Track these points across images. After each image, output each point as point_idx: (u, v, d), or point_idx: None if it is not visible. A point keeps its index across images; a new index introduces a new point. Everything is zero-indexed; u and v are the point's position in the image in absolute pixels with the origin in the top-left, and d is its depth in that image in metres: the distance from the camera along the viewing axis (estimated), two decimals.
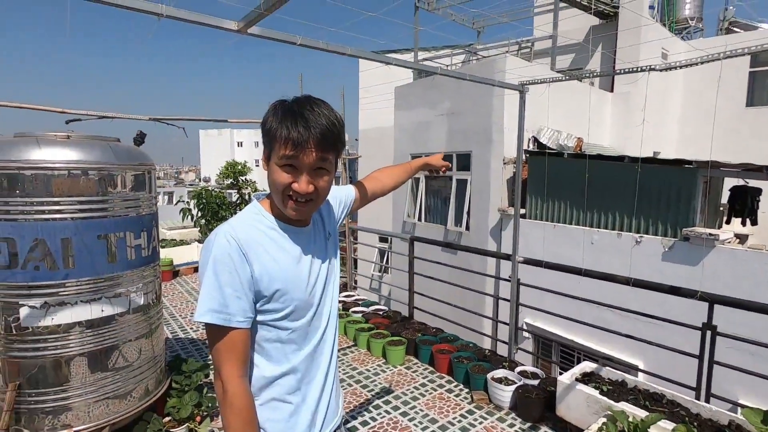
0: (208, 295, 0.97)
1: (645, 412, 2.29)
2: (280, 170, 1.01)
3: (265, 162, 1.05)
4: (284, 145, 0.98)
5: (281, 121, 0.99)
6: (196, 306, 0.98)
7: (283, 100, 1.04)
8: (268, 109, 1.04)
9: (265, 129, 1.02)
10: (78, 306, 2.21)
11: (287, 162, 1.00)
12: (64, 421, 2.25)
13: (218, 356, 0.98)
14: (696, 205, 6.41)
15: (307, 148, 0.98)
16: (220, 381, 0.98)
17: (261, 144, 1.08)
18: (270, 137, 1.01)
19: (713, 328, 2.32)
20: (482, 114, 9.36)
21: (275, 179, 1.02)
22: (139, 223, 2.45)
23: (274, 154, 1.01)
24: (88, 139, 2.33)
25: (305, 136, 0.97)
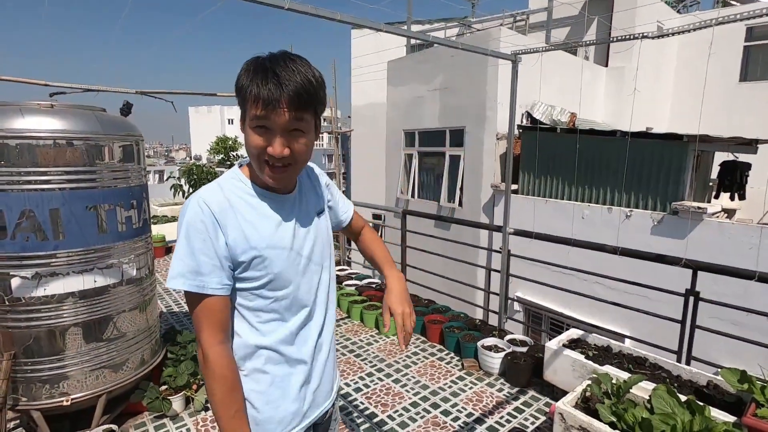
0: (180, 261, 0.94)
1: (628, 375, 2.37)
2: (252, 132, 0.94)
3: (242, 125, 0.98)
4: (255, 105, 0.91)
5: (252, 78, 0.92)
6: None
7: (257, 56, 0.95)
8: (241, 67, 0.95)
9: (237, 87, 0.95)
10: (70, 277, 2.21)
11: (259, 123, 0.93)
12: (61, 389, 2.28)
13: (197, 322, 0.97)
14: (685, 179, 6.47)
15: (278, 108, 0.90)
16: (200, 348, 0.97)
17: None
18: (242, 97, 0.94)
19: (696, 294, 2.38)
20: (476, 89, 9.26)
21: (249, 142, 0.95)
22: (128, 194, 2.43)
23: (247, 115, 0.94)
24: (73, 108, 2.28)
25: (276, 95, 0.89)
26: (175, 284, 0.94)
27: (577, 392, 2.30)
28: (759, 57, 10.86)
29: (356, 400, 2.79)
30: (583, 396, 2.29)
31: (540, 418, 2.59)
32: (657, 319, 2.87)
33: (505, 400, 2.78)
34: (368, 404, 2.74)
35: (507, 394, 2.85)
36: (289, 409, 1.07)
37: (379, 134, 12.40)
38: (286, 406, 1.07)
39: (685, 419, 1.91)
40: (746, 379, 2.07)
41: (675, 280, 2.89)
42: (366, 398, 2.81)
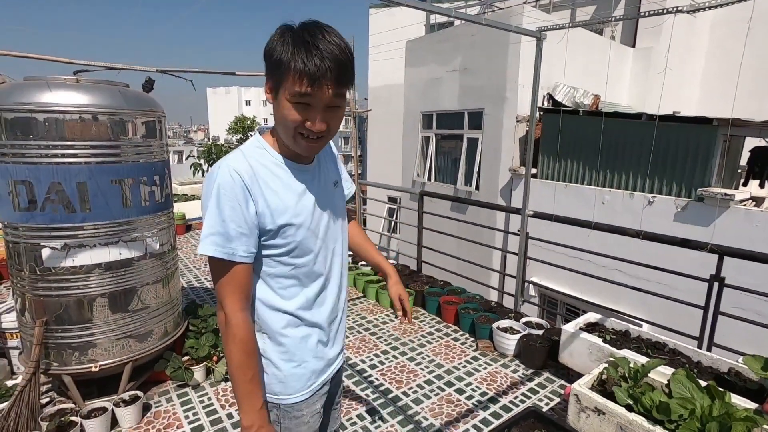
0: (211, 228, 0.96)
1: (646, 359, 2.35)
2: (292, 107, 0.93)
3: (271, 95, 0.98)
4: (299, 81, 0.90)
5: (293, 52, 0.89)
6: (201, 237, 0.97)
7: (289, 25, 0.93)
8: (272, 36, 0.93)
9: (273, 59, 0.91)
10: (97, 248, 2.28)
11: (302, 100, 0.92)
12: (90, 356, 2.38)
13: (221, 289, 0.99)
14: (713, 164, 6.25)
15: (324, 84, 0.90)
16: (222, 313, 0.99)
17: (264, 100, 1.00)
18: (278, 69, 0.91)
19: (721, 279, 2.33)
20: (496, 70, 9.04)
21: (286, 116, 0.94)
22: (151, 169, 2.48)
23: (284, 88, 0.93)
24: (98, 84, 2.31)
25: (322, 70, 0.88)
26: (205, 250, 0.96)
27: (593, 375, 2.29)
28: None
29: (371, 375, 2.84)
30: (599, 379, 2.29)
31: (554, 400, 2.60)
32: (675, 306, 2.82)
33: (519, 381, 2.80)
34: (383, 380, 2.79)
35: (522, 375, 2.86)
36: (308, 367, 1.13)
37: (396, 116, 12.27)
38: (305, 364, 1.12)
39: (705, 404, 1.89)
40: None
41: (696, 267, 2.81)
42: (381, 374, 2.85)
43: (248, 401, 1.00)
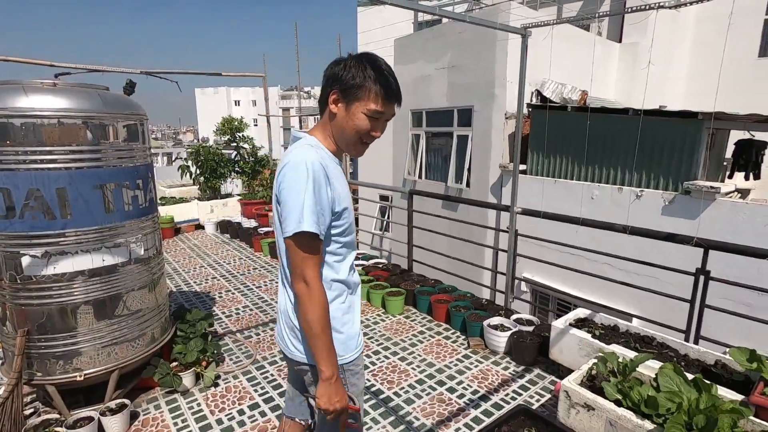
0: (309, 209, 1.13)
1: (635, 354, 2.37)
2: (365, 119, 1.20)
3: (343, 107, 1.21)
4: (376, 100, 1.19)
5: (376, 78, 1.18)
6: (290, 220, 1.13)
7: (361, 56, 1.23)
8: (347, 61, 1.20)
9: (353, 81, 1.18)
10: (79, 255, 2.24)
11: (375, 115, 1.21)
12: (74, 365, 2.34)
13: (305, 261, 1.16)
14: (699, 158, 6.32)
15: (393, 105, 1.24)
16: (303, 283, 1.16)
17: (254, 100, 1.09)
18: (358, 89, 1.18)
19: (707, 273, 2.35)
20: (484, 67, 9.06)
21: (358, 125, 1.21)
22: (134, 173, 2.44)
23: (360, 104, 1.19)
24: (76, 87, 2.26)
25: (395, 95, 1.23)
26: (309, 227, 1.13)
27: (582, 370, 2.30)
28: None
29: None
30: (588, 374, 2.30)
31: (545, 396, 2.61)
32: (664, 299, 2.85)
33: (510, 378, 2.80)
34: (374, 381, 2.77)
35: (512, 372, 2.87)
36: (357, 326, 1.36)
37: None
38: (355, 324, 1.35)
39: (692, 397, 1.90)
40: (755, 358, 2.05)
41: (684, 260, 2.84)
42: (372, 375, 2.84)
43: (330, 355, 1.18)
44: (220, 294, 4.24)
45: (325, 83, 1.24)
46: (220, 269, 4.96)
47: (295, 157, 1.18)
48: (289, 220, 1.14)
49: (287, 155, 1.22)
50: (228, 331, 3.48)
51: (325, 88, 1.24)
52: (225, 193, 7.21)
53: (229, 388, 2.72)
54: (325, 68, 1.25)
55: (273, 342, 3.30)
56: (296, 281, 1.18)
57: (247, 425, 2.37)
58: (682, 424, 1.76)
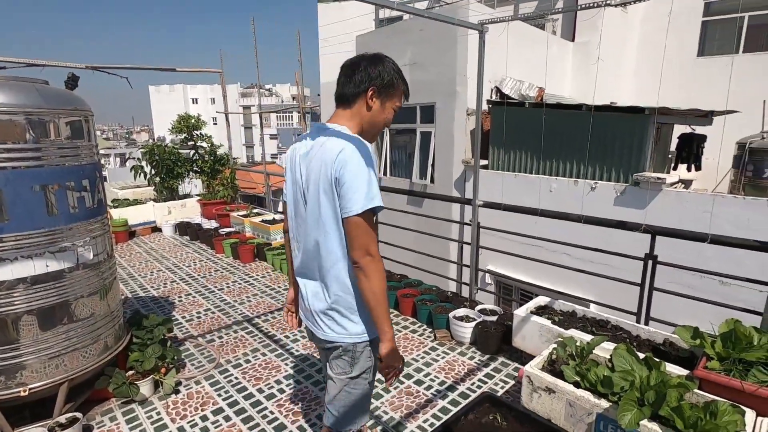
0: (376, 188, 1.29)
1: (590, 337, 2.47)
2: (392, 112, 1.45)
3: (378, 102, 1.40)
4: (401, 98, 1.46)
5: (403, 81, 1.44)
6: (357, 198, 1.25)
7: (391, 60, 1.44)
8: (386, 65, 1.40)
9: (392, 82, 1.40)
10: (18, 262, 2.08)
11: (397, 110, 1.47)
12: (18, 379, 2.18)
13: (369, 237, 1.28)
14: (647, 151, 6.69)
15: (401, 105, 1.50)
16: (369, 256, 1.28)
17: (212, 98, 1.10)
18: (394, 89, 1.41)
19: (654, 257, 2.48)
20: (446, 65, 9.18)
21: (387, 118, 1.45)
22: (79, 173, 2.29)
23: (390, 101, 1.42)
24: (9, 80, 2.10)
25: (407, 95, 1.49)
26: (375, 203, 1.27)
27: (543, 356, 2.38)
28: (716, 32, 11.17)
29: None
30: (549, 359, 2.38)
31: (510, 383, 2.68)
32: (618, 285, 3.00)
33: (476, 367, 2.86)
34: None
35: (478, 361, 2.93)
36: None
37: None
38: None
39: (643, 375, 2.01)
40: (698, 335, 2.19)
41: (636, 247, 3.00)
42: None
43: (389, 320, 1.34)
44: (180, 298, 4.08)
45: (361, 78, 1.38)
46: (180, 272, 4.77)
47: (353, 144, 1.31)
48: (356, 198, 1.26)
49: (330, 142, 1.33)
50: (189, 335, 3.36)
51: (361, 83, 1.38)
52: (183, 194, 6.94)
53: (191, 395, 2.62)
54: (353, 63, 1.40)
55: (237, 344, 3.21)
56: (361, 255, 1.28)
57: (211, 431, 2.30)
58: (634, 400, 1.86)
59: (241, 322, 3.57)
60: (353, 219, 1.26)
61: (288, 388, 2.66)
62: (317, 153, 1.35)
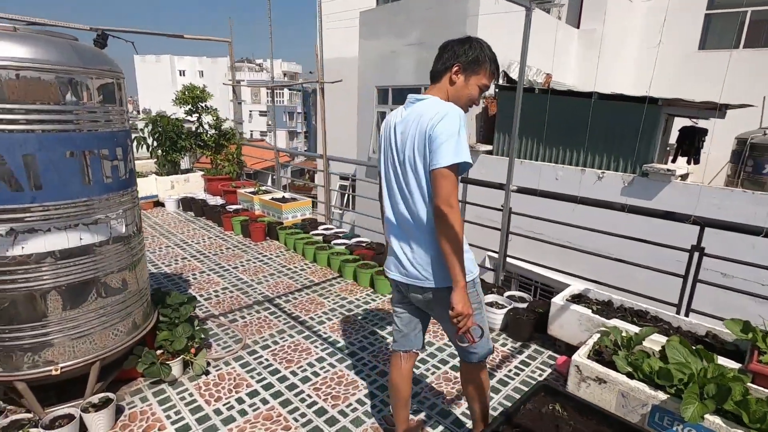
0: (465, 147, 1.41)
1: (634, 327, 2.46)
2: (477, 89, 1.57)
3: (462, 78, 1.54)
4: (489, 77, 1.57)
5: (492, 60, 1.55)
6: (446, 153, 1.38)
7: (480, 40, 1.55)
8: (471, 43, 1.53)
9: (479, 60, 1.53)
10: (51, 233, 1.94)
11: (483, 88, 1.57)
12: (46, 357, 2.05)
13: (451, 188, 1.40)
14: (657, 142, 6.70)
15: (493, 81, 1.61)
16: (448, 206, 1.39)
17: (200, 70, 0.97)
18: (479, 66, 1.53)
19: (701, 249, 2.46)
20: None
21: (472, 93, 1.56)
22: (112, 140, 2.13)
23: (476, 77, 1.55)
24: (42, 35, 1.91)
25: (496, 76, 1.61)
26: (465, 157, 1.40)
27: (589, 345, 2.36)
28: (718, 26, 11.15)
29: (363, 358, 2.74)
30: (594, 349, 2.35)
31: (546, 370, 2.67)
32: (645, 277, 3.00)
33: (509, 354, 2.83)
34: (376, 362, 2.70)
35: (511, 348, 2.90)
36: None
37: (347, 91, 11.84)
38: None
39: (698, 367, 2.00)
40: (749, 329, 2.18)
41: (655, 238, 2.97)
42: (373, 356, 2.76)
43: (463, 270, 1.44)
44: (194, 275, 3.95)
45: (448, 56, 1.54)
46: (189, 249, 4.61)
47: (447, 107, 1.45)
48: (445, 152, 1.38)
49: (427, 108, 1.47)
50: (210, 314, 3.25)
51: (448, 60, 1.54)
52: (184, 168, 6.70)
53: (221, 376, 2.53)
54: (445, 44, 1.57)
55: (261, 325, 3.12)
56: (443, 205, 1.39)
57: (250, 414, 2.22)
58: (697, 394, 1.84)
59: (262, 302, 3.47)
60: (440, 170, 1.39)
61: (322, 372, 2.59)
62: (413, 117, 1.50)
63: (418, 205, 1.52)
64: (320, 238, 4.63)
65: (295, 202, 5.38)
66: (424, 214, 1.52)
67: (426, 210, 1.51)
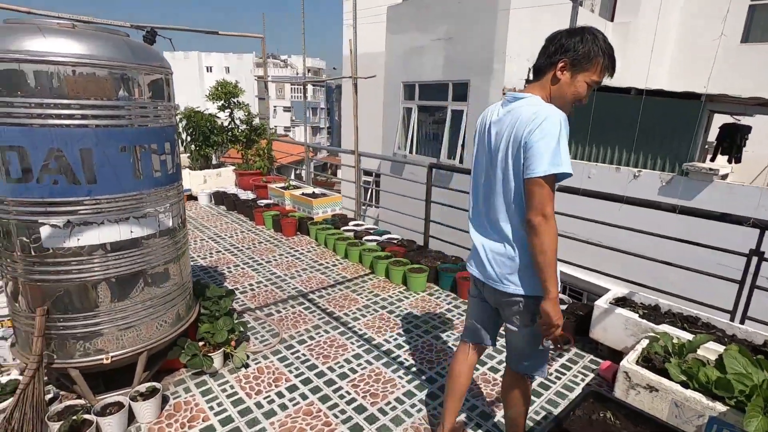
0: (565, 155, 1.32)
1: (685, 334, 2.36)
2: (585, 86, 1.42)
3: (568, 74, 1.41)
4: (601, 72, 1.41)
5: (606, 54, 1.40)
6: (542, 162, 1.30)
7: (594, 31, 1.40)
8: (583, 35, 1.39)
9: (588, 54, 1.38)
10: (105, 226, 1.98)
11: (592, 84, 1.42)
12: (96, 346, 2.11)
13: (547, 199, 1.33)
14: (698, 140, 6.43)
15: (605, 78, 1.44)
16: (542, 217, 1.33)
17: (227, 67, 0.90)
18: (589, 62, 1.39)
19: (761, 254, 2.34)
20: (483, 40, 8.82)
21: (577, 90, 1.42)
22: (161, 135, 2.16)
23: (584, 72, 1.40)
24: (98, 31, 1.95)
25: (611, 71, 1.43)
26: (566, 168, 1.31)
27: (637, 351, 2.27)
28: (762, 18, 10.58)
29: (400, 356, 2.72)
30: (643, 355, 2.27)
31: (588, 375, 2.59)
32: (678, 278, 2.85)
33: (550, 357, 2.76)
34: (413, 361, 2.68)
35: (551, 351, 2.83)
36: None
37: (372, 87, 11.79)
38: None
39: (761, 378, 1.89)
40: None
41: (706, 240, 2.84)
42: (409, 354, 2.75)
43: (555, 282, 1.39)
44: (229, 269, 4.01)
45: (554, 51, 1.41)
46: (223, 242, 4.69)
47: (547, 110, 1.35)
48: (541, 161, 1.30)
49: (524, 108, 1.39)
50: (246, 308, 3.29)
51: (553, 54, 1.41)
52: (216, 163, 6.81)
53: (260, 369, 2.56)
54: (552, 35, 1.44)
55: (296, 320, 3.14)
56: (535, 215, 1.34)
57: (290, 409, 2.23)
58: (761, 407, 1.75)
59: (296, 297, 3.49)
60: (535, 179, 1.32)
61: (359, 369, 2.59)
62: (508, 118, 1.42)
63: (502, 210, 1.48)
64: (351, 234, 4.63)
65: (326, 197, 5.40)
66: (507, 220, 1.48)
67: (510, 216, 1.47)
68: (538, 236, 1.35)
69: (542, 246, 1.34)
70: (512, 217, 1.47)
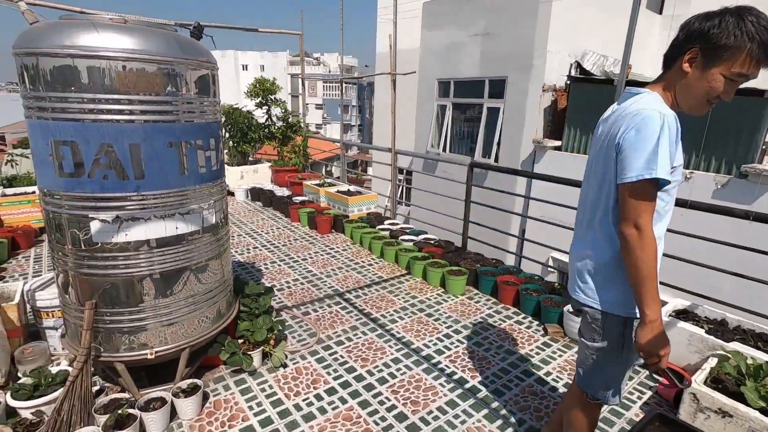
0: (665, 157, 1.14)
1: (760, 353, 2.14)
2: (723, 80, 1.14)
3: (698, 68, 1.17)
4: (746, 63, 1.11)
5: (754, 39, 1.09)
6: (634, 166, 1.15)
7: (742, 10, 1.11)
8: (723, 17, 1.11)
9: (725, 42, 1.11)
10: (152, 222, 1.98)
11: (737, 78, 1.13)
12: (140, 341, 2.12)
13: (642, 208, 1.18)
14: (760, 140, 5.97)
15: (759, 71, 1.14)
16: (634, 228, 1.18)
17: (262, 65, 0.80)
18: (726, 50, 1.11)
19: None
20: (523, 35, 8.53)
21: (712, 86, 1.15)
22: (207, 131, 2.15)
23: (721, 66, 1.13)
24: (147, 26, 1.94)
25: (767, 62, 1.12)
26: (661, 174, 1.14)
27: (705, 370, 2.09)
28: None
29: (440, 362, 2.62)
30: (712, 375, 2.08)
31: (645, 393, 2.41)
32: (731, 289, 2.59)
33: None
34: (454, 368, 2.57)
35: None
36: None
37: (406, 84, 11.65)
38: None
39: None
40: None
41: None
42: (450, 361, 2.64)
43: (656, 299, 1.21)
44: (265, 265, 4.02)
45: (684, 38, 1.18)
46: (260, 239, 4.72)
47: (649, 105, 1.18)
48: (634, 165, 1.15)
49: (632, 106, 1.22)
50: (283, 306, 3.27)
51: (682, 43, 1.19)
52: (252, 159, 6.90)
53: (299, 370, 2.52)
54: (689, 20, 1.18)
55: (333, 320, 3.09)
56: (626, 225, 1.20)
57: (329, 413, 2.18)
58: None
59: (333, 296, 3.45)
60: (626, 185, 1.19)
61: (399, 374, 2.51)
62: (614, 117, 1.30)
63: (588, 215, 1.40)
64: (387, 233, 4.56)
65: (361, 195, 5.34)
66: (589, 226, 1.40)
67: (593, 222, 1.37)
68: (630, 251, 1.20)
69: (635, 261, 1.19)
70: (597, 225, 1.35)
